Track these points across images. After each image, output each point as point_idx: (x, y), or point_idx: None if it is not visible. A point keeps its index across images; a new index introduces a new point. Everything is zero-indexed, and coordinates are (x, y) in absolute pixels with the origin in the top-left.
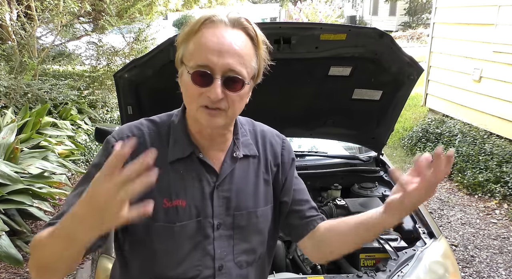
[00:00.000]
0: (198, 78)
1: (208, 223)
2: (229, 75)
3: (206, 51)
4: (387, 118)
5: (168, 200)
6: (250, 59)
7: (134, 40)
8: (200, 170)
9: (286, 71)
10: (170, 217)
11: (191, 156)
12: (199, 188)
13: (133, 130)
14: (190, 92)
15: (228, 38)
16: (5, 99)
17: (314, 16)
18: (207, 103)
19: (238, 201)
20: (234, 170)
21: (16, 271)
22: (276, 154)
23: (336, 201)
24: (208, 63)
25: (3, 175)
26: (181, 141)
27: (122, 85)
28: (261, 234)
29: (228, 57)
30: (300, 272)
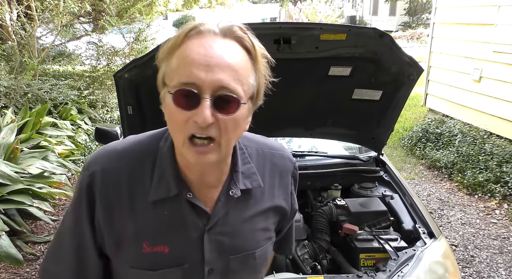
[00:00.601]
0: (181, 98)
1: (196, 271)
2: (220, 93)
3: (191, 65)
4: (387, 118)
5: (149, 245)
6: (247, 74)
7: (134, 40)
8: (188, 212)
9: (286, 71)
10: (151, 263)
11: (178, 196)
12: (185, 233)
13: (112, 158)
14: (174, 119)
15: (218, 49)
16: (5, 99)
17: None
18: (195, 130)
19: (234, 243)
20: (230, 210)
21: (16, 271)
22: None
23: (336, 201)
24: (194, 80)
25: (3, 175)
26: (167, 177)
27: (122, 85)
28: (257, 273)
29: (218, 72)
30: (300, 272)
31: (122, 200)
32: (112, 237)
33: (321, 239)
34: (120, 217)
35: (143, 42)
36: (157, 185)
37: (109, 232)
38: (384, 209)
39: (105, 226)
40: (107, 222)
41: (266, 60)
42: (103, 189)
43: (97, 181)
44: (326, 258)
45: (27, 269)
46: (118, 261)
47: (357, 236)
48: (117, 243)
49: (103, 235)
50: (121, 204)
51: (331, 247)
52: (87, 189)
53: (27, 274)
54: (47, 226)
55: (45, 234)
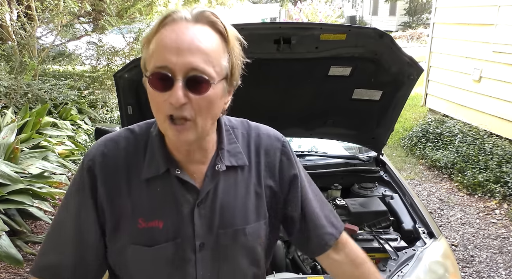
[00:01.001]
0: (157, 81)
1: (188, 245)
2: (191, 74)
3: (164, 50)
4: (387, 118)
5: (144, 220)
6: (219, 56)
7: (134, 40)
8: (178, 187)
9: (286, 71)
10: (146, 239)
11: (167, 173)
12: (177, 208)
13: (109, 145)
14: (153, 101)
15: (189, 34)
16: (5, 99)
17: (314, 16)
18: (171, 111)
19: (223, 218)
20: (218, 184)
21: (16, 271)
22: (272, 161)
23: (336, 201)
24: (167, 63)
25: (3, 175)
26: (157, 157)
27: (122, 85)
28: (252, 253)
29: (188, 55)
30: (300, 272)
31: (121, 182)
32: (112, 218)
33: None
34: (119, 198)
35: None
36: (148, 164)
37: (110, 214)
38: (384, 209)
39: (107, 208)
40: (108, 204)
41: (239, 42)
42: (104, 173)
43: (97, 165)
44: None
45: (27, 269)
46: (117, 241)
47: (357, 236)
48: (117, 223)
49: (105, 218)
50: (120, 186)
51: None
52: (89, 173)
53: (27, 274)
54: (47, 226)
55: (45, 234)
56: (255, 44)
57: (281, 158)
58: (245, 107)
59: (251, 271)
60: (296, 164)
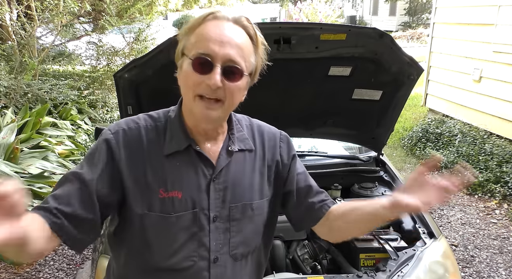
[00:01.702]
0: (198, 65)
1: (204, 215)
2: (228, 64)
3: (208, 40)
4: (387, 118)
5: (164, 190)
6: (249, 54)
7: (134, 40)
8: (196, 162)
9: (286, 71)
10: (166, 207)
11: (188, 149)
12: (195, 180)
13: (130, 123)
14: (190, 80)
15: (229, 31)
16: (5, 99)
17: (314, 16)
18: (206, 92)
19: (234, 193)
20: (230, 164)
21: (16, 271)
22: (274, 149)
23: (336, 201)
24: (210, 52)
25: (3, 175)
26: (177, 135)
27: (122, 85)
28: (256, 226)
29: (229, 48)
30: (300, 272)
31: (142, 155)
32: (132, 184)
33: (321, 239)
34: (139, 166)
35: (143, 42)
36: (169, 142)
37: (130, 179)
38: None
39: (126, 174)
40: (128, 170)
41: (264, 47)
42: (125, 143)
43: (120, 136)
44: (326, 258)
45: (27, 269)
46: (136, 207)
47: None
48: (137, 189)
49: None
50: (140, 158)
51: (331, 247)
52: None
53: (27, 274)
54: None
55: None
56: None
57: (281, 144)
58: (245, 107)
59: (254, 243)
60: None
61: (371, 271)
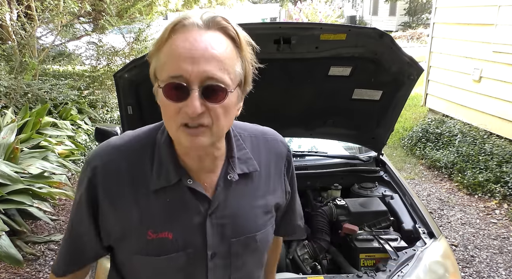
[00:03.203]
0: (171, 91)
1: (199, 255)
2: (208, 84)
3: (177, 59)
4: (387, 118)
5: (153, 232)
6: (233, 63)
7: (134, 40)
8: (189, 198)
9: (286, 71)
10: (155, 249)
11: (178, 183)
12: (188, 218)
13: (112, 154)
14: (166, 110)
15: (202, 42)
16: (5, 99)
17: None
18: (187, 120)
19: (235, 227)
20: (230, 193)
21: (16, 271)
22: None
23: (336, 201)
24: (182, 73)
25: (3, 175)
26: (166, 166)
27: (122, 85)
28: (260, 257)
29: (204, 64)
30: (300, 272)
31: (125, 191)
32: (118, 228)
33: (321, 239)
34: (124, 208)
35: (143, 42)
36: (157, 174)
37: (115, 224)
38: (384, 209)
39: (111, 218)
40: (112, 214)
41: (251, 47)
42: (106, 182)
43: (99, 175)
44: (326, 258)
45: (27, 269)
46: (124, 250)
47: (357, 236)
48: (124, 233)
49: (108, 228)
50: (124, 194)
51: (331, 247)
52: (89, 184)
53: (27, 274)
54: (47, 226)
55: (45, 234)
56: None
57: (285, 163)
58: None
59: (257, 274)
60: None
61: (371, 271)
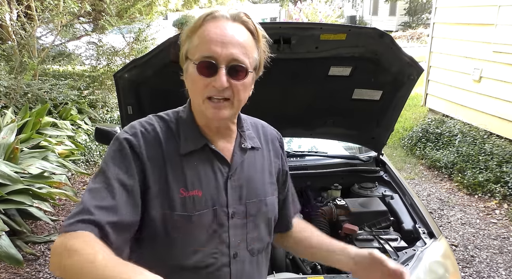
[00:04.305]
0: (203, 68)
1: (222, 212)
2: (233, 64)
3: (209, 42)
4: (387, 118)
5: (185, 190)
6: (252, 50)
7: (134, 40)
8: (213, 161)
9: (286, 71)
10: (188, 206)
11: (203, 147)
12: (213, 179)
13: (145, 125)
14: (196, 84)
15: (230, 30)
16: (5, 99)
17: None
18: (213, 93)
19: (249, 190)
20: (244, 161)
21: (16, 271)
22: (276, 149)
23: (336, 201)
24: (213, 54)
25: (3, 175)
26: (192, 135)
27: (122, 85)
28: (269, 222)
29: (231, 47)
30: (300, 272)
31: (161, 153)
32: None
33: None
34: (160, 167)
35: (143, 42)
36: (184, 142)
37: (154, 179)
38: (384, 209)
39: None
40: (151, 169)
41: (265, 40)
42: (145, 143)
43: (140, 137)
44: None
45: (27, 269)
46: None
47: (357, 236)
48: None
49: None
50: (161, 156)
51: None
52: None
53: (27, 274)
54: (47, 226)
55: (45, 234)
56: None
57: (280, 144)
58: (245, 107)
59: (266, 240)
60: None
61: None
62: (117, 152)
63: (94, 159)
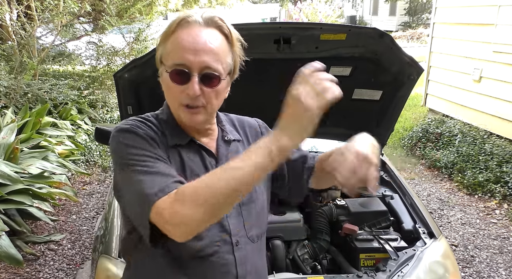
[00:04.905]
0: (176, 76)
1: None
2: (205, 72)
3: (182, 50)
4: (387, 118)
5: (184, 178)
6: (225, 55)
7: (134, 40)
8: (202, 154)
9: (286, 71)
10: None
11: (189, 143)
12: (205, 170)
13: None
14: (171, 90)
15: (202, 37)
16: (5, 99)
17: (314, 16)
18: (187, 101)
19: None
20: (230, 152)
21: (16, 271)
22: (257, 134)
23: (336, 201)
24: (185, 62)
25: (3, 175)
26: (175, 133)
27: (122, 85)
28: (262, 209)
29: (203, 55)
30: (300, 272)
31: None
32: None
33: (321, 239)
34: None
35: (143, 42)
36: (171, 136)
37: None
38: (384, 209)
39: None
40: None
41: (240, 43)
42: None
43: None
44: (326, 258)
45: (27, 269)
46: None
47: (357, 236)
48: None
49: None
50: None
51: (331, 247)
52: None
53: (27, 274)
54: (47, 226)
55: (45, 234)
56: (255, 44)
57: (262, 130)
58: (245, 107)
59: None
60: None
61: (371, 271)
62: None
63: (94, 159)
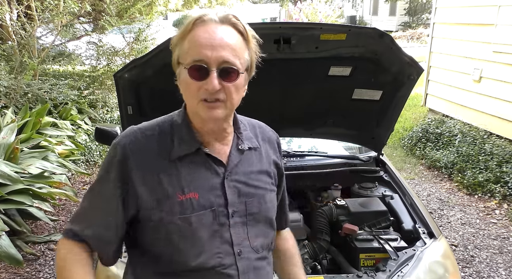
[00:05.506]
0: (195, 72)
1: (222, 212)
2: (223, 66)
3: (199, 46)
4: (387, 118)
5: (181, 193)
6: (242, 51)
7: (134, 40)
8: (208, 163)
9: (286, 71)
10: (186, 209)
11: (197, 151)
12: (209, 180)
13: (137, 134)
14: (190, 88)
15: (219, 33)
16: (5, 99)
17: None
18: (206, 96)
19: (248, 189)
20: (241, 161)
21: (16, 271)
22: (275, 148)
23: (336, 201)
24: (203, 57)
25: (3, 175)
26: (186, 138)
27: (122, 85)
28: (271, 219)
29: (221, 50)
30: None
31: (153, 162)
32: (151, 197)
33: (321, 239)
34: (155, 177)
35: (143, 42)
36: (179, 145)
37: (148, 194)
38: (384, 209)
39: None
40: (144, 186)
41: (255, 40)
42: (136, 155)
43: (129, 150)
44: (326, 258)
45: (27, 269)
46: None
47: (357, 236)
48: (157, 199)
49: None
50: (153, 165)
51: (331, 247)
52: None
53: (27, 274)
54: (47, 226)
55: (45, 234)
56: None
57: (277, 145)
58: (245, 107)
59: (270, 235)
60: None
61: (371, 271)
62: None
63: (94, 159)
